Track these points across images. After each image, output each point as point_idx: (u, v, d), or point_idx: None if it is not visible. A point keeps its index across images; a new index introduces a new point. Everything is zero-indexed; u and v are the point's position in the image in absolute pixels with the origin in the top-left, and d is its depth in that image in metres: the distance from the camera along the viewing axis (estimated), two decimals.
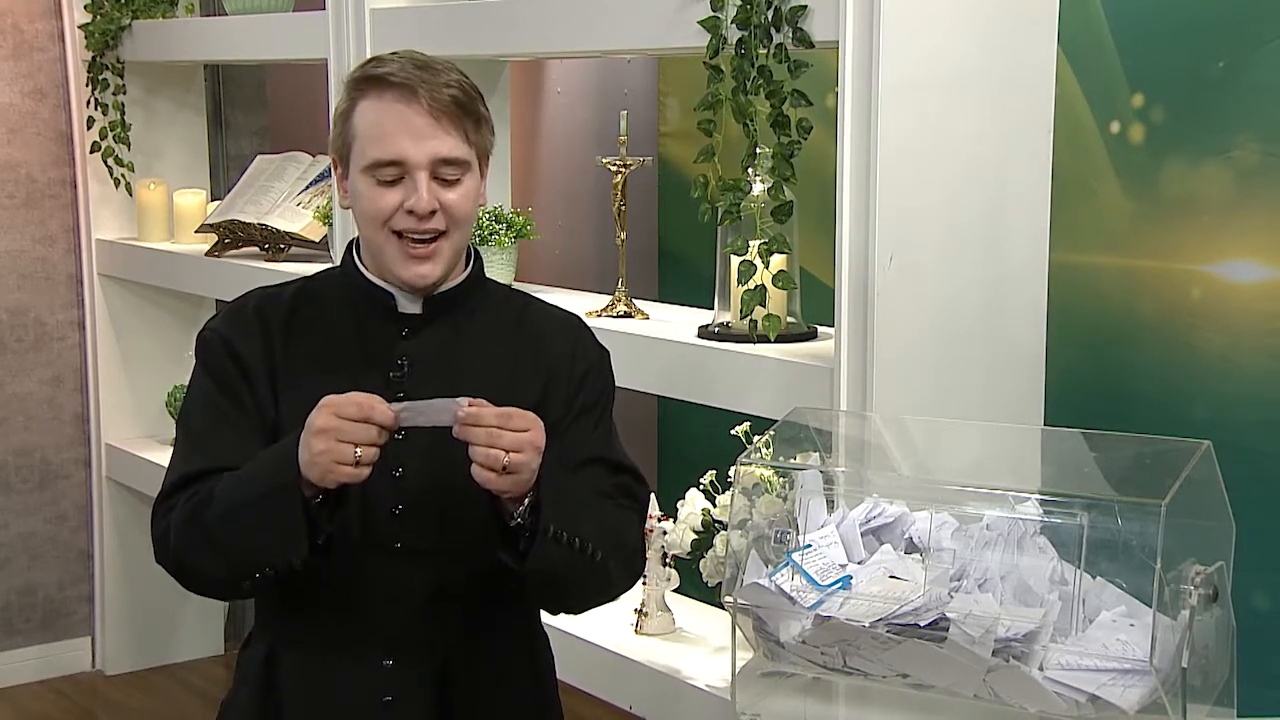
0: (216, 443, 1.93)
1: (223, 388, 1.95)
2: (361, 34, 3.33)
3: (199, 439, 1.96)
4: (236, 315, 2.00)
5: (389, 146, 1.87)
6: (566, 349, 2.03)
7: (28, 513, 4.52)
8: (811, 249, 2.79)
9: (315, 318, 1.99)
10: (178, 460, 1.97)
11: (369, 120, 1.88)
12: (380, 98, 1.88)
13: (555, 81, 4.44)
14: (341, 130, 1.92)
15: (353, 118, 1.90)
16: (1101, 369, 2.99)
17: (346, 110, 1.91)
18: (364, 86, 1.90)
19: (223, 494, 1.86)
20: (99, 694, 4.50)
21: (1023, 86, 2.53)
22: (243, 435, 1.93)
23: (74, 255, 4.51)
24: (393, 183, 1.88)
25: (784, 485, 2.24)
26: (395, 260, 1.92)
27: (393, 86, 1.88)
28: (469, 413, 1.78)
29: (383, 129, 1.87)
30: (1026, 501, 1.92)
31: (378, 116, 1.88)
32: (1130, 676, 1.77)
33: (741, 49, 2.49)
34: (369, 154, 1.88)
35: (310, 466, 1.78)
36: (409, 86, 1.87)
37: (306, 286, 2.04)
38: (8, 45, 4.36)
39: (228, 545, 1.86)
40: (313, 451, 1.77)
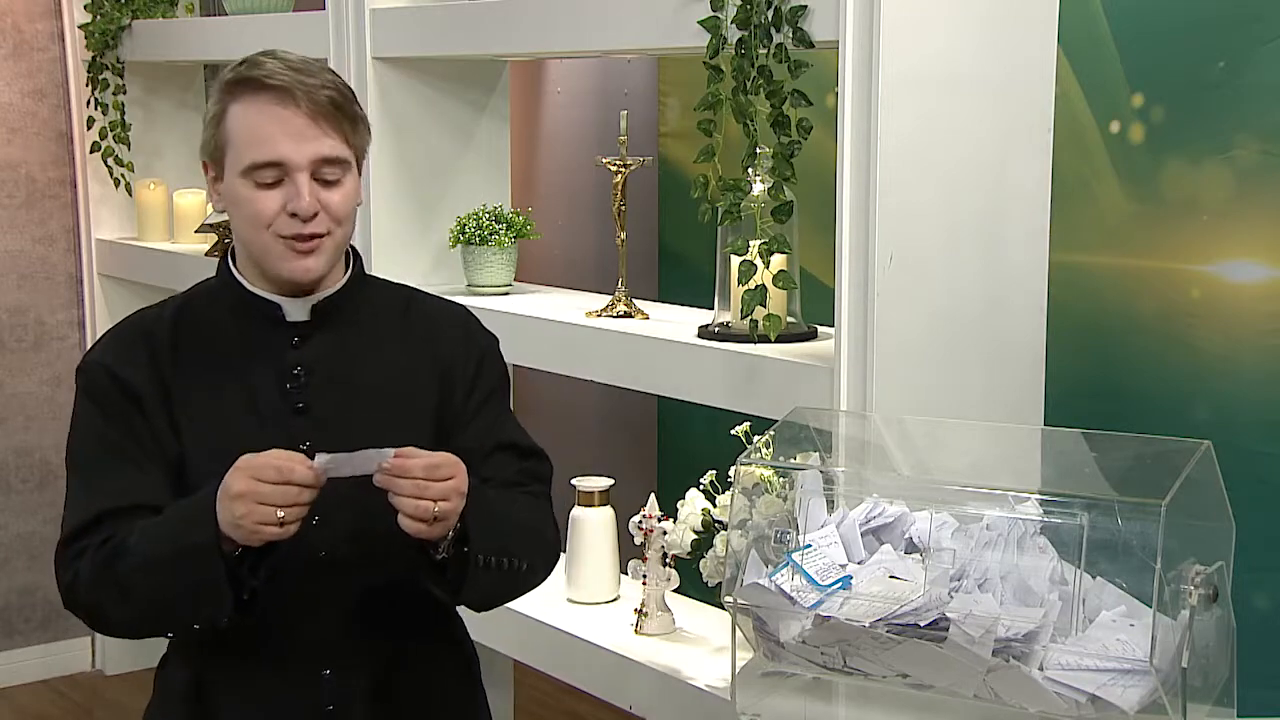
0: (116, 481, 1.87)
1: (113, 421, 1.89)
2: (361, 34, 3.33)
3: (96, 478, 1.89)
4: (118, 341, 1.94)
5: (268, 149, 1.84)
6: (459, 340, 2.04)
7: (27, 512, 4.52)
8: (811, 249, 2.79)
9: (201, 335, 1.94)
10: (75, 503, 1.89)
11: (246, 123, 1.85)
12: (256, 100, 1.85)
13: (555, 81, 4.44)
14: (214, 133, 1.88)
15: (226, 120, 1.86)
16: (1101, 369, 2.99)
17: (219, 113, 1.87)
18: (237, 89, 1.86)
19: (137, 550, 1.81)
20: (99, 694, 4.50)
21: (1022, 86, 2.53)
22: (142, 469, 1.88)
23: (74, 255, 4.51)
24: (272, 185, 1.86)
25: (784, 485, 2.24)
26: (279, 259, 1.89)
27: (269, 89, 1.85)
28: (394, 464, 1.75)
29: (261, 131, 1.84)
30: (1026, 501, 1.92)
31: (255, 119, 1.85)
32: (1130, 676, 1.77)
33: (741, 49, 2.49)
34: (247, 157, 1.85)
35: (233, 529, 1.75)
36: (286, 89, 1.84)
37: (187, 303, 2.00)
38: (8, 45, 4.36)
39: (147, 602, 1.83)
40: (234, 515, 1.74)
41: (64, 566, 1.88)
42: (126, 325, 1.98)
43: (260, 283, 1.95)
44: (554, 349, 2.96)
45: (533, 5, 2.97)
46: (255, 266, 1.94)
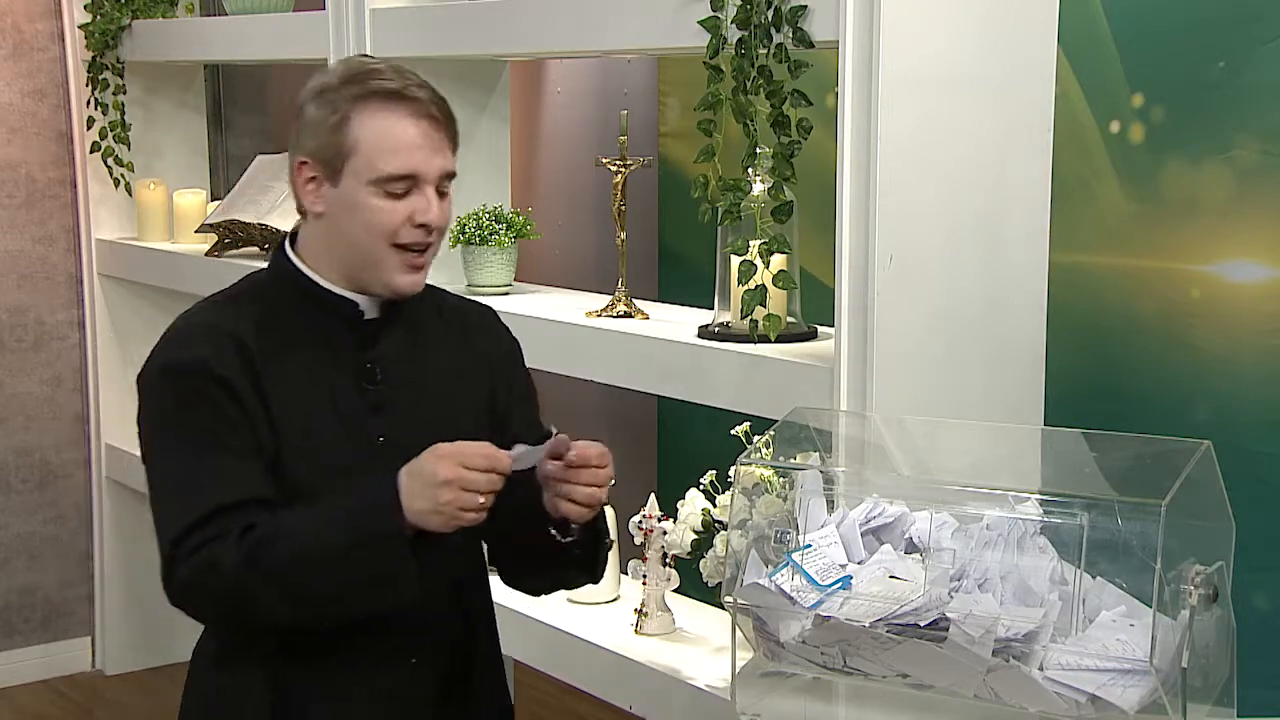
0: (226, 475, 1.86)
1: (217, 416, 1.87)
2: (361, 34, 3.33)
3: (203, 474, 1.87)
4: (207, 339, 1.91)
5: (404, 160, 1.86)
6: (494, 337, 2.11)
7: (28, 513, 4.52)
8: (811, 249, 2.79)
9: (282, 332, 1.94)
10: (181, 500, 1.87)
11: (379, 133, 1.86)
12: (390, 111, 1.86)
13: (555, 81, 4.44)
14: (334, 138, 1.87)
15: (351, 128, 1.86)
16: (1101, 369, 2.99)
17: (342, 119, 1.87)
18: (368, 98, 1.87)
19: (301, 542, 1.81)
20: (99, 694, 4.51)
21: (1022, 86, 2.53)
22: (247, 463, 1.87)
23: (74, 255, 4.51)
24: (400, 196, 1.88)
25: (784, 485, 2.24)
26: (392, 270, 1.91)
27: (403, 100, 1.87)
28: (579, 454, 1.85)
29: (397, 142, 1.86)
30: (1026, 501, 1.92)
31: (391, 130, 1.86)
32: (1130, 676, 1.77)
33: (741, 49, 2.49)
34: (381, 167, 1.86)
35: (430, 515, 1.78)
36: (420, 102, 1.88)
37: (256, 299, 1.98)
38: (8, 45, 4.36)
39: (317, 594, 1.82)
40: (439, 501, 1.77)
41: (180, 562, 1.87)
42: (204, 323, 1.94)
43: (340, 282, 1.95)
44: (554, 349, 2.96)
45: (533, 5, 2.97)
46: (347, 270, 1.94)
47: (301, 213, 1.97)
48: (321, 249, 1.95)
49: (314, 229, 1.96)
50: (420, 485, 1.79)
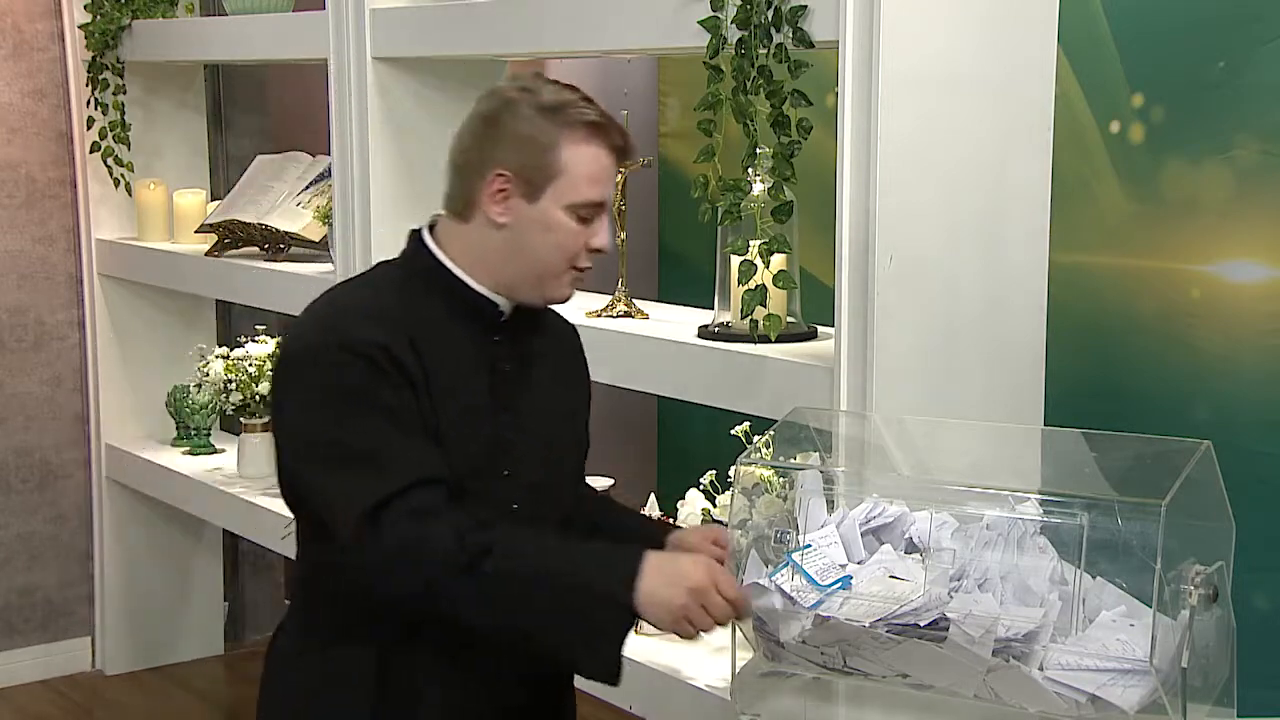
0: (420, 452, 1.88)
1: (399, 396, 1.89)
2: (361, 34, 3.33)
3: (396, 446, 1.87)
4: (377, 320, 1.93)
5: (600, 191, 1.96)
6: (573, 338, 2.18)
7: (28, 513, 4.52)
8: (811, 249, 2.79)
9: (429, 324, 1.97)
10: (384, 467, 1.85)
11: (587, 162, 1.93)
12: (598, 143, 1.94)
13: None
14: (542, 159, 1.92)
15: (561, 152, 1.92)
16: (1101, 369, 2.99)
17: (552, 143, 1.92)
18: (575, 125, 1.93)
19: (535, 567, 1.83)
20: (99, 694, 4.50)
21: (1022, 86, 2.53)
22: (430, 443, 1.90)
23: (74, 255, 4.51)
24: (587, 221, 1.96)
25: (784, 485, 2.24)
26: (560, 286, 1.99)
27: (606, 133, 1.95)
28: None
29: (599, 174, 1.95)
30: (1026, 501, 1.92)
31: (597, 161, 1.94)
32: (1130, 676, 1.77)
33: (741, 49, 2.49)
34: (584, 193, 1.93)
35: (664, 611, 1.83)
36: (617, 133, 1.97)
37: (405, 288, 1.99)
38: (7, 45, 4.36)
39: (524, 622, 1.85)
40: (675, 604, 1.82)
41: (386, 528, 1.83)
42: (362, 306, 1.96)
43: (487, 284, 1.99)
44: None
45: (532, 5, 2.97)
46: (502, 275, 1.98)
47: (456, 216, 1.98)
48: (480, 253, 1.98)
49: (477, 234, 1.97)
50: (667, 578, 1.83)
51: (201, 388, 4.15)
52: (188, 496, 4.18)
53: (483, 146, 1.94)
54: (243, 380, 3.96)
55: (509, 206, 1.94)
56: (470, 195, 1.96)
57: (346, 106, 3.39)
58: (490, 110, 1.95)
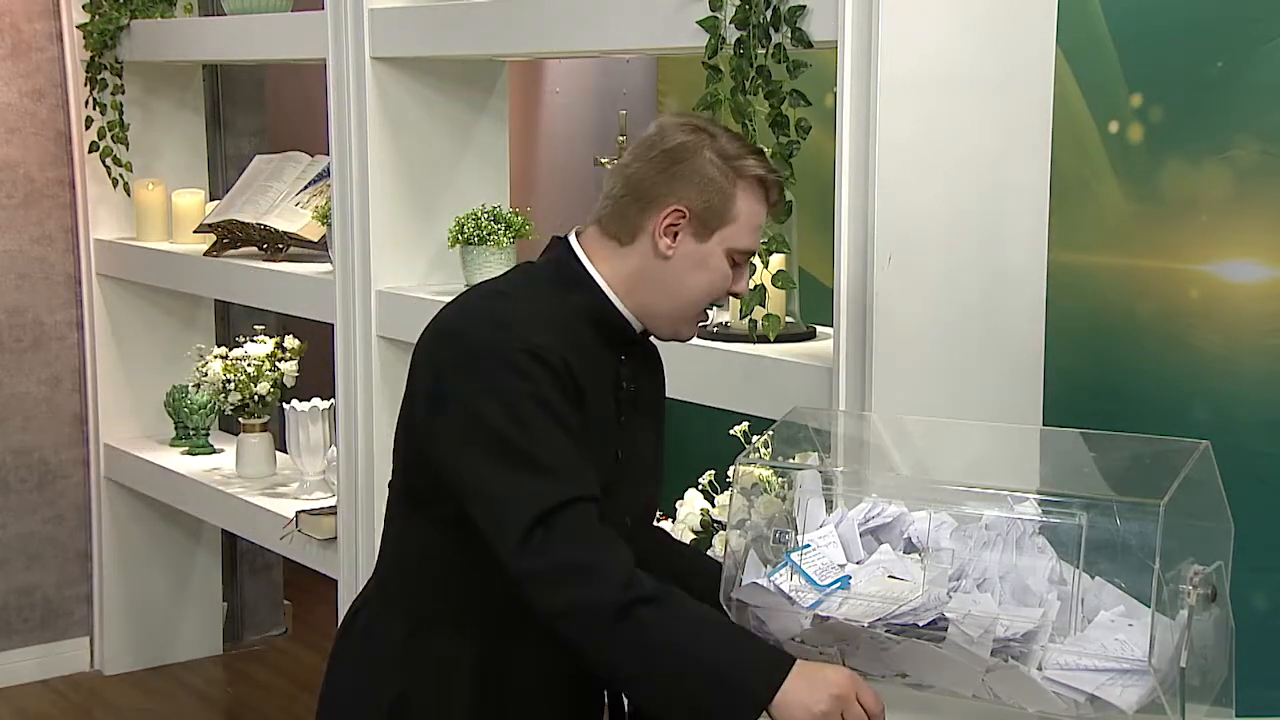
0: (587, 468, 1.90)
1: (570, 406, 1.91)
2: (360, 34, 3.33)
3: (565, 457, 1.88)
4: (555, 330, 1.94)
5: (757, 241, 2.03)
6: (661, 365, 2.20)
7: (26, 513, 4.52)
8: (810, 249, 2.79)
9: (584, 338, 2.00)
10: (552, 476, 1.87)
11: (753, 211, 2.00)
12: (761, 193, 2.00)
13: (554, 81, 4.44)
14: (723, 202, 1.97)
15: (737, 198, 1.97)
16: (1100, 369, 2.99)
17: (732, 190, 1.97)
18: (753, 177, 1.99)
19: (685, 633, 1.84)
20: (97, 694, 4.50)
21: (1021, 86, 2.53)
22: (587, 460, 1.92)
23: (72, 255, 4.51)
24: (737, 265, 2.02)
25: (783, 485, 2.24)
26: (693, 322, 2.06)
27: (772, 187, 2.01)
28: None
29: (759, 224, 2.02)
30: (1025, 501, 1.92)
31: (760, 212, 2.01)
32: (1129, 676, 1.77)
33: (740, 49, 2.49)
34: (746, 241, 2.00)
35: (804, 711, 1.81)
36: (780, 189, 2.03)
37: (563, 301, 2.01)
38: (6, 45, 4.36)
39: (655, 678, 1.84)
40: (816, 710, 1.81)
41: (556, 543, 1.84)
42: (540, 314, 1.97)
43: (631, 307, 2.03)
44: None
45: (531, 5, 2.97)
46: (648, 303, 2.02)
47: (613, 236, 2.00)
48: (633, 277, 2.01)
49: (635, 259, 2.00)
50: (812, 684, 1.82)
51: (200, 388, 4.15)
52: (186, 496, 4.18)
53: (663, 180, 1.98)
54: (241, 380, 3.96)
55: (678, 242, 1.99)
56: (640, 222, 1.99)
57: (345, 106, 3.38)
58: (674, 146, 1.99)
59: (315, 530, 3.62)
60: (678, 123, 2.02)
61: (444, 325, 2.00)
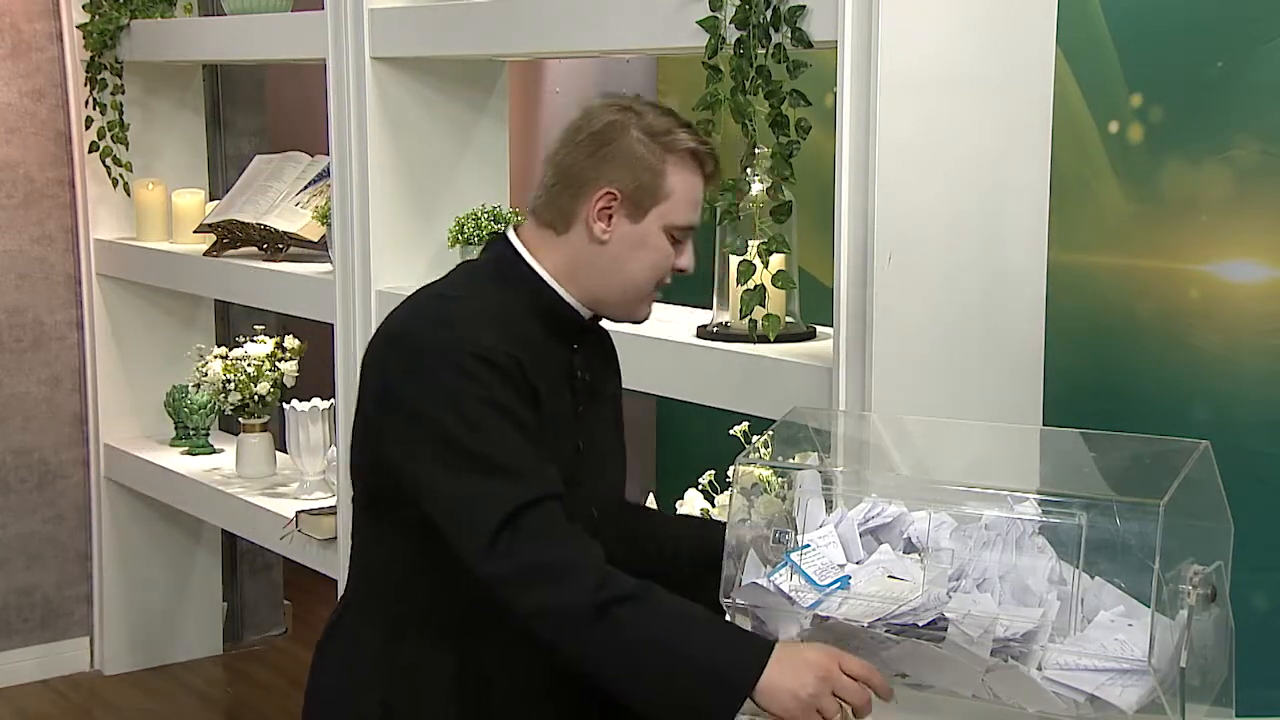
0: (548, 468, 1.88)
1: (525, 406, 1.90)
2: (360, 34, 3.33)
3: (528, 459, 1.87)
4: (501, 330, 1.93)
5: (696, 214, 2.02)
6: (614, 351, 2.20)
7: (26, 513, 4.52)
8: (810, 249, 2.79)
9: (533, 334, 1.98)
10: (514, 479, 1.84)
11: (687, 185, 1.98)
12: (700, 171, 1.99)
13: (554, 81, 4.44)
14: (653, 180, 1.95)
15: (669, 175, 1.96)
16: (1100, 369, 2.99)
17: (663, 167, 1.95)
18: (684, 150, 1.97)
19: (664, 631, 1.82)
20: (97, 694, 4.50)
21: (1021, 86, 2.53)
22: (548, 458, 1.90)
23: (72, 255, 4.51)
24: (679, 243, 2.01)
25: (782, 485, 2.24)
26: (644, 303, 2.05)
27: (706, 159, 2.00)
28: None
29: (697, 198, 2.01)
30: (1025, 501, 1.92)
31: (695, 185, 2.00)
32: (1129, 676, 1.77)
33: (740, 49, 2.49)
34: (684, 216, 1.99)
35: (791, 700, 1.79)
36: (715, 161, 2.01)
37: (509, 297, 2.00)
38: (6, 45, 4.36)
39: (638, 676, 1.83)
40: (803, 694, 1.78)
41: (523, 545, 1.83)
42: (487, 313, 1.96)
43: (576, 295, 2.01)
44: None
45: (531, 5, 2.96)
46: (593, 289, 2.00)
47: (549, 225, 1.99)
48: (574, 265, 2.00)
49: (573, 246, 1.99)
50: (792, 667, 1.80)
51: (200, 388, 4.15)
52: (186, 496, 4.18)
53: (592, 164, 1.96)
54: (241, 380, 3.96)
55: (613, 225, 1.97)
56: (573, 209, 1.98)
57: (345, 106, 3.38)
58: (601, 129, 1.97)
59: (315, 530, 3.62)
60: (604, 104, 2.00)
61: (390, 329, 1.99)
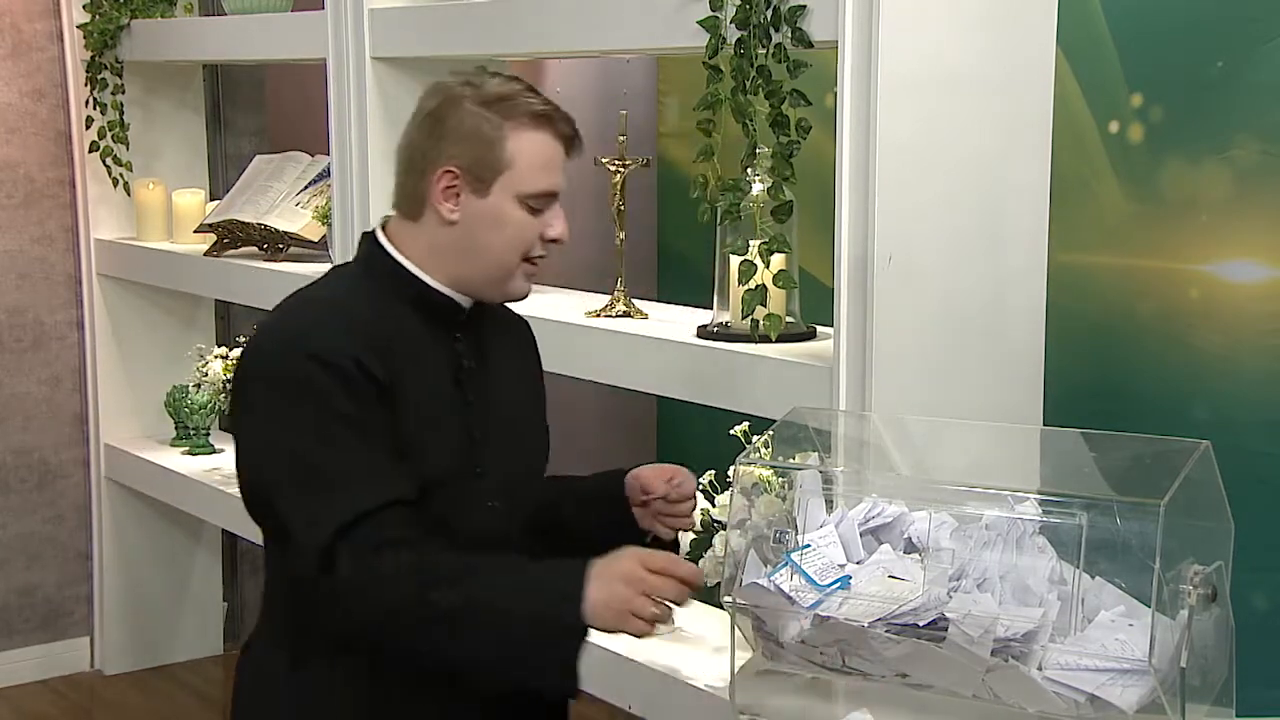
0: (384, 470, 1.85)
1: (365, 409, 1.85)
2: (360, 34, 3.33)
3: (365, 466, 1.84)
4: (348, 330, 1.90)
5: (552, 180, 1.94)
6: (534, 347, 2.18)
7: (26, 513, 4.52)
8: (810, 249, 2.79)
9: (394, 328, 1.95)
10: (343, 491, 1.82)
11: (534, 150, 1.92)
12: (544, 132, 1.93)
13: (555, 81, 4.44)
14: (489, 152, 1.90)
15: (508, 142, 1.91)
16: (1100, 369, 2.99)
17: (498, 136, 1.90)
18: (522, 116, 1.92)
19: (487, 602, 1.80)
20: (97, 694, 4.50)
21: (1021, 86, 2.53)
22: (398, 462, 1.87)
23: (73, 255, 4.51)
24: (539, 211, 1.94)
25: (783, 485, 2.24)
26: (516, 279, 1.97)
27: (552, 122, 1.94)
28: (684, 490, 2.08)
29: (548, 162, 1.94)
30: (1025, 501, 1.92)
31: (544, 151, 1.93)
32: (1129, 676, 1.77)
33: (741, 49, 2.49)
34: (534, 183, 1.92)
35: (604, 609, 1.78)
36: (565, 122, 1.95)
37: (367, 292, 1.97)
38: (6, 45, 4.36)
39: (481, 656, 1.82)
40: (615, 606, 1.78)
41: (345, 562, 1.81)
42: (336, 312, 1.94)
43: (445, 282, 1.97)
44: (553, 349, 2.94)
45: (531, 5, 2.97)
46: (458, 272, 1.96)
47: (406, 215, 1.97)
48: (434, 252, 1.96)
49: (430, 232, 1.96)
50: (607, 582, 1.79)
51: (200, 388, 4.16)
52: (186, 496, 4.18)
53: (429, 144, 1.93)
54: None
55: (460, 203, 1.93)
56: (420, 193, 1.94)
57: (345, 106, 3.39)
58: (435, 106, 1.93)
59: None
60: (442, 82, 1.96)
61: (250, 339, 1.99)
